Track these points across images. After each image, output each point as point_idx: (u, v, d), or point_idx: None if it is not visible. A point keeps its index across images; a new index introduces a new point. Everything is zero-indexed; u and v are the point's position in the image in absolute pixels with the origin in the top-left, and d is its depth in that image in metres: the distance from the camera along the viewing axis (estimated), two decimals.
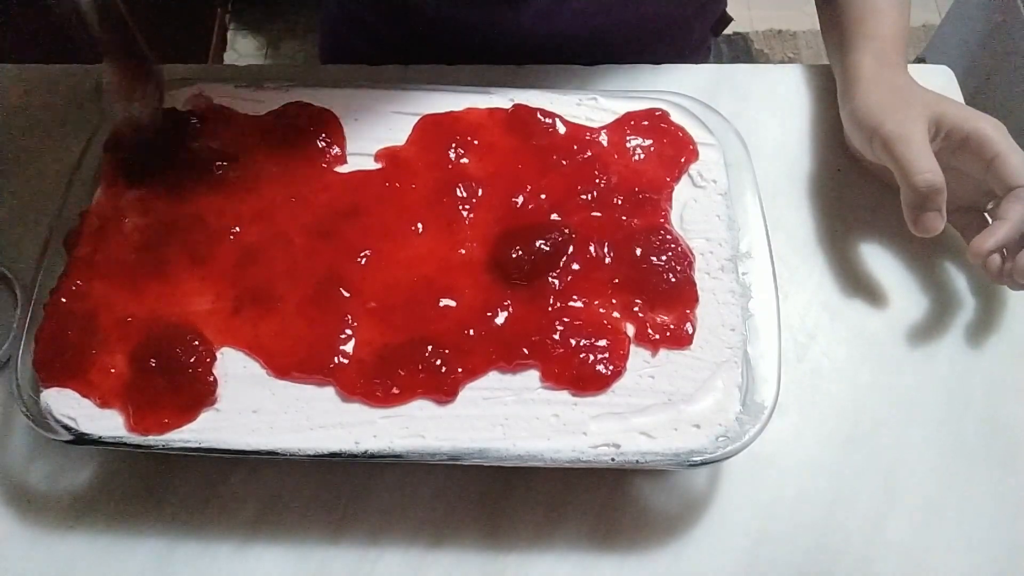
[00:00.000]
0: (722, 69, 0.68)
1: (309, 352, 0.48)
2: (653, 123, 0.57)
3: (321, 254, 0.52)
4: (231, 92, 0.58)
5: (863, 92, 0.56)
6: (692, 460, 0.45)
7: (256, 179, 0.55)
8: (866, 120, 0.55)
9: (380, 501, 0.50)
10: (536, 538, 0.49)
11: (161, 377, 0.47)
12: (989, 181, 0.52)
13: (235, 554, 0.48)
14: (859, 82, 0.57)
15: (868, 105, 0.55)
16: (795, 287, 0.56)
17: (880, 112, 0.54)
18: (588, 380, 0.47)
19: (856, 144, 0.58)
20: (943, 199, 0.50)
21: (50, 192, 0.58)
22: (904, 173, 0.51)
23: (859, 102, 0.56)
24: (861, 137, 0.56)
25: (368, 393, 0.47)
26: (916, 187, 0.50)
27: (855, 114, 0.56)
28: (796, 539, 0.49)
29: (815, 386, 0.54)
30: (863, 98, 0.56)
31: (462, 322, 0.49)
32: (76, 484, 0.50)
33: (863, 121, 0.55)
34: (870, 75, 0.57)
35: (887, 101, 0.55)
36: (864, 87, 0.56)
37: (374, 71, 0.66)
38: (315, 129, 0.56)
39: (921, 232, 0.51)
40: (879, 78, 0.56)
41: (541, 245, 0.51)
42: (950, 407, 0.53)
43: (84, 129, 0.56)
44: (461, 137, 0.56)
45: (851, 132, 0.58)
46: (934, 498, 0.50)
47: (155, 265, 0.51)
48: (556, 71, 0.65)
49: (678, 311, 0.50)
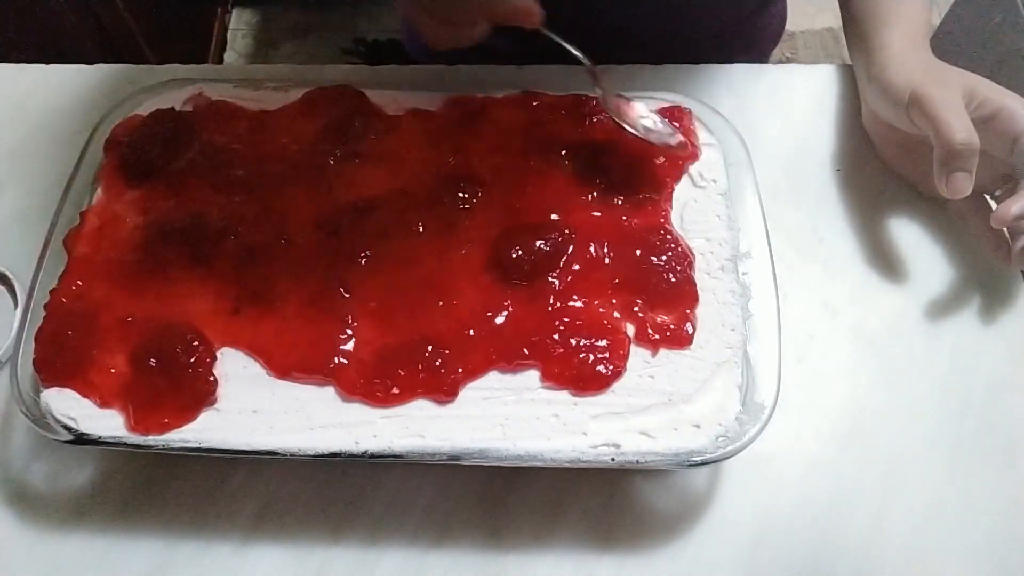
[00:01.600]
0: (722, 69, 0.68)
1: (309, 352, 0.48)
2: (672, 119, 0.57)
3: (322, 254, 0.51)
4: (231, 92, 0.58)
5: (896, 63, 0.56)
6: (692, 460, 0.45)
7: (257, 178, 0.54)
8: (901, 85, 0.55)
9: (380, 501, 0.50)
10: (536, 538, 0.49)
11: (161, 377, 0.47)
12: (1013, 157, 0.52)
13: (235, 554, 0.48)
14: (891, 56, 0.57)
15: (903, 72, 0.55)
16: (795, 287, 0.56)
17: (916, 75, 0.54)
18: (588, 380, 0.47)
19: (884, 113, 0.58)
20: (975, 160, 0.50)
21: (50, 192, 0.58)
22: (941, 130, 0.51)
23: (893, 71, 0.56)
24: (893, 102, 0.55)
25: (368, 393, 0.47)
26: (953, 143, 0.50)
27: (889, 82, 0.56)
28: (796, 539, 0.49)
29: (815, 386, 0.54)
30: (897, 68, 0.56)
31: (462, 322, 0.49)
32: (76, 484, 0.50)
33: (898, 86, 0.55)
34: (901, 50, 0.57)
35: (921, 69, 0.55)
36: (897, 60, 0.56)
37: (374, 71, 0.66)
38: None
39: (951, 193, 0.51)
40: (910, 54, 0.57)
41: (541, 245, 0.51)
42: (950, 407, 0.53)
43: (84, 129, 0.56)
44: (462, 134, 0.56)
45: (880, 101, 0.57)
46: (934, 498, 0.50)
47: (155, 265, 0.51)
48: (557, 71, 0.65)
49: (678, 311, 0.50)
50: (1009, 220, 0.51)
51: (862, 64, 0.61)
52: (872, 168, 0.61)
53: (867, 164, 0.61)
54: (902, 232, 0.59)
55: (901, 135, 0.57)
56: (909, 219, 0.53)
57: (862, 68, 0.61)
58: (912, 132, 0.55)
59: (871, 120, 0.60)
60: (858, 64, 0.62)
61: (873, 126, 0.60)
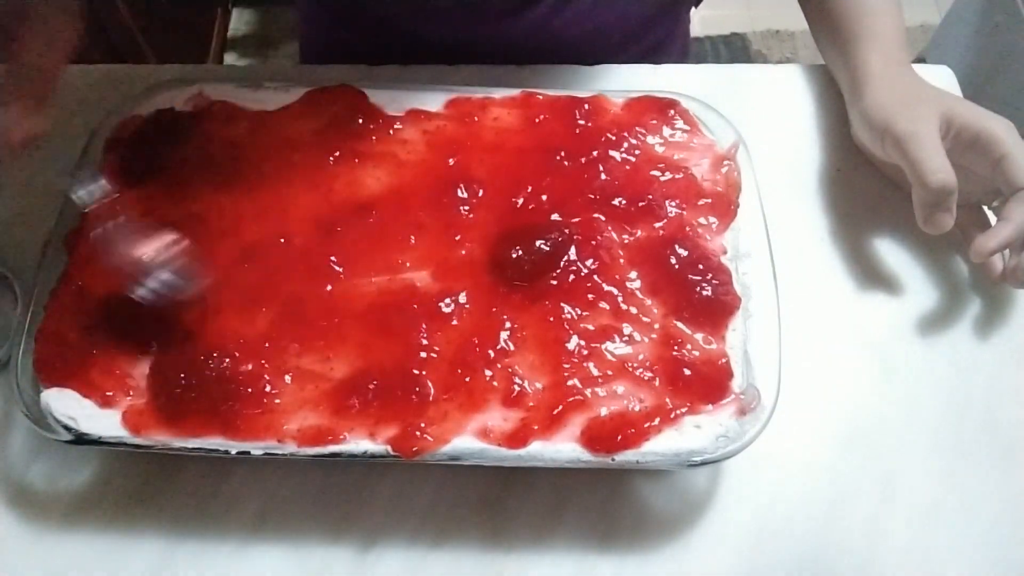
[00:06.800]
0: (722, 69, 0.68)
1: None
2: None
3: (321, 255, 0.51)
4: (231, 92, 0.58)
5: (873, 91, 0.56)
6: (692, 460, 0.45)
7: (256, 178, 0.54)
8: (877, 119, 0.55)
9: (380, 501, 0.50)
10: (536, 538, 0.49)
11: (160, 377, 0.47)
12: (996, 180, 0.52)
13: (235, 554, 0.48)
14: (868, 81, 0.57)
15: (879, 104, 0.55)
16: (795, 287, 0.56)
17: (891, 111, 0.54)
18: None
19: (866, 143, 0.58)
20: (955, 198, 0.50)
21: (50, 192, 0.58)
22: (917, 173, 0.51)
23: (869, 101, 0.56)
24: (872, 136, 0.56)
25: (360, 423, 0.46)
26: (929, 187, 0.50)
27: (866, 113, 0.56)
28: (796, 539, 0.49)
29: (815, 386, 0.54)
30: (873, 97, 0.56)
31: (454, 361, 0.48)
32: (76, 484, 0.50)
33: (874, 120, 0.55)
34: (878, 73, 0.57)
35: (898, 99, 0.55)
36: (873, 86, 0.56)
37: (373, 71, 0.66)
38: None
39: (931, 230, 0.51)
40: (887, 76, 0.56)
41: (541, 245, 0.51)
42: (950, 407, 0.53)
43: (84, 129, 0.56)
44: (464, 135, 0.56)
45: (861, 131, 0.58)
46: (934, 498, 0.50)
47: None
48: (556, 71, 0.65)
49: (711, 324, 0.49)
50: (987, 254, 0.51)
51: (844, 80, 0.61)
52: (872, 168, 0.61)
53: (867, 164, 0.61)
54: (902, 232, 0.59)
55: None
56: (909, 219, 0.53)
57: (844, 84, 0.61)
58: (891, 162, 0.55)
59: (858, 136, 0.60)
60: (840, 78, 0.62)
61: (860, 141, 0.60)
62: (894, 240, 0.59)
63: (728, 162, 0.55)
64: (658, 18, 0.74)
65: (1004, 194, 0.52)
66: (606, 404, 0.46)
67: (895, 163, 0.54)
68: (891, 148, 0.53)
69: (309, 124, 0.57)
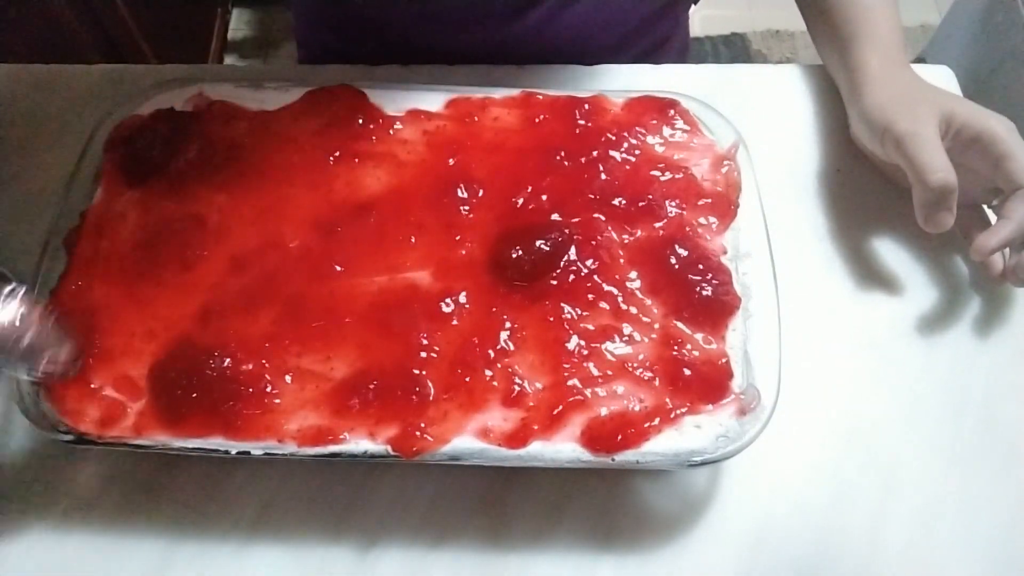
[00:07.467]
0: (722, 69, 0.68)
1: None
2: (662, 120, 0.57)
3: (321, 255, 0.51)
4: (231, 92, 0.58)
5: (872, 91, 0.56)
6: (692, 460, 0.45)
7: (256, 178, 0.54)
8: (877, 119, 0.55)
9: (380, 501, 0.50)
10: (536, 538, 0.49)
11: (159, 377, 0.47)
12: (996, 179, 0.52)
13: (235, 554, 0.48)
14: (867, 81, 0.57)
15: (878, 104, 0.55)
16: (795, 287, 0.56)
17: (891, 111, 0.54)
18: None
19: (866, 143, 0.58)
20: (955, 198, 0.50)
21: (50, 192, 0.58)
22: (918, 172, 0.51)
23: (868, 102, 0.56)
24: (872, 136, 0.56)
25: (360, 423, 0.46)
26: (930, 186, 0.50)
27: (865, 114, 0.56)
28: (796, 539, 0.49)
29: (815, 386, 0.54)
30: (872, 97, 0.56)
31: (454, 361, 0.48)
32: (76, 484, 0.50)
33: (874, 121, 0.55)
34: (877, 74, 0.57)
35: (897, 99, 0.55)
36: (872, 86, 0.56)
37: (373, 71, 0.66)
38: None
39: (932, 229, 0.52)
40: (886, 76, 0.56)
41: (541, 245, 0.51)
42: (950, 407, 0.53)
43: (84, 129, 0.56)
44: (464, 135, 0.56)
45: (861, 132, 0.58)
46: (934, 498, 0.50)
47: (155, 265, 0.51)
48: (556, 71, 0.65)
49: (711, 324, 0.49)
50: (987, 253, 0.51)
51: (843, 81, 0.61)
52: (872, 168, 0.61)
53: (867, 164, 0.61)
54: (902, 232, 0.59)
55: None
56: (909, 219, 0.53)
57: (843, 85, 0.61)
58: (891, 161, 0.55)
59: (857, 136, 0.60)
60: (838, 79, 0.62)
61: (860, 141, 0.60)
62: (894, 240, 0.59)
63: (728, 162, 0.55)
64: (658, 18, 0.74)
65: (1004, 193, 0.52)
66: (606, 404, 0.46)
67: (895, 163, 0.54)
68: (891, 148, 0.53)
69: (309, 124, 0.57)
